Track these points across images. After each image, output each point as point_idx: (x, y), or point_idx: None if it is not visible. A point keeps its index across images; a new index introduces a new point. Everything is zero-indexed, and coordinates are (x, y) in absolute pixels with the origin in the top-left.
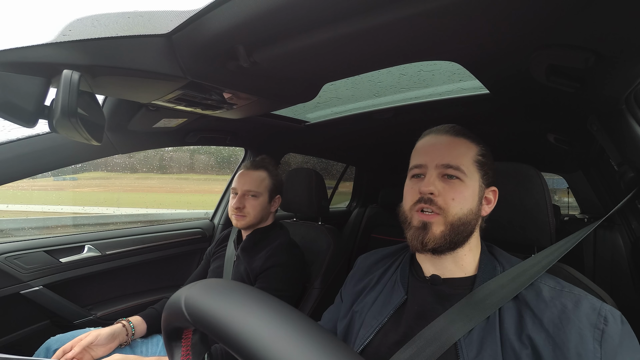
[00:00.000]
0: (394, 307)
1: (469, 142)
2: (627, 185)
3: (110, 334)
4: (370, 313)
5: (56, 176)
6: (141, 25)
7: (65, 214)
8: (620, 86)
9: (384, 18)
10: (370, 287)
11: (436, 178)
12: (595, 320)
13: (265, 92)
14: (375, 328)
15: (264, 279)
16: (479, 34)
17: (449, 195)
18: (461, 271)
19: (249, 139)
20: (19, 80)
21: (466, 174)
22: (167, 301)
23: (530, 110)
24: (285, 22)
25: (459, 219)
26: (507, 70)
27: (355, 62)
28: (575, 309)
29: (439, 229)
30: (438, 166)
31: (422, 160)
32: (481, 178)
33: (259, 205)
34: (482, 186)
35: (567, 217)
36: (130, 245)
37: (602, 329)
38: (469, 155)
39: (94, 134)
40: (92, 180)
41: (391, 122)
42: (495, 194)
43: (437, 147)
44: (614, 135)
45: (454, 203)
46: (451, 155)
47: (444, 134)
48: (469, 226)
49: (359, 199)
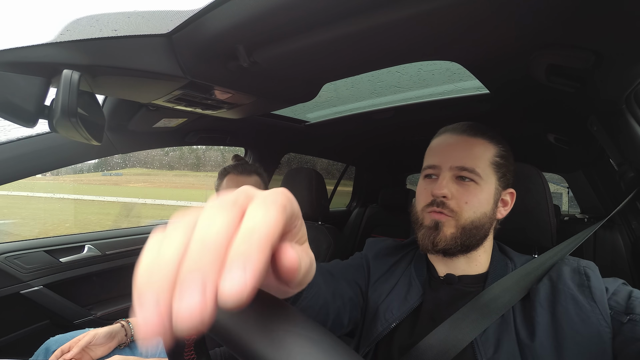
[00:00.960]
0: (410, 308)
1: (487, 142)
2: (627, 185)
3: (109, 332)
4: (384, 305)
5: (104, 172)
6: (141, 25)
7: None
8: (621, 86)
9: (383, 18)
10: (382, 275)
11: (450, 180)
12: (579, 280)
13: (265, 92)
14: (392, 323)
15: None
16: (479, 34)
17: (462, 198)
18: (473, 269)
19: (249, 139)
20: (19, 80)
21: (482, 177)
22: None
23: (530, 110)
24: (285, 22)
25: (472, 223)
26: (507, 70)
27: (355, 62)
28: (560, 278)
29: (449, 231)
30: (452, 168)
31: (436, 160)
32: (498, 180)
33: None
34: (498, 189)
35: (567, 217)
36: (130, 245)
37: (588, 285)
38: (486, 157)
39: (94, 134)
40: (137, 176)
41: (391, 122)
42: (512, 196)
43: (453, 147)
44: (614, 135)
45: (467, 207)
46: (467, 157)
47: (461, 134)
48: (482, 230)
49: (358, 199)
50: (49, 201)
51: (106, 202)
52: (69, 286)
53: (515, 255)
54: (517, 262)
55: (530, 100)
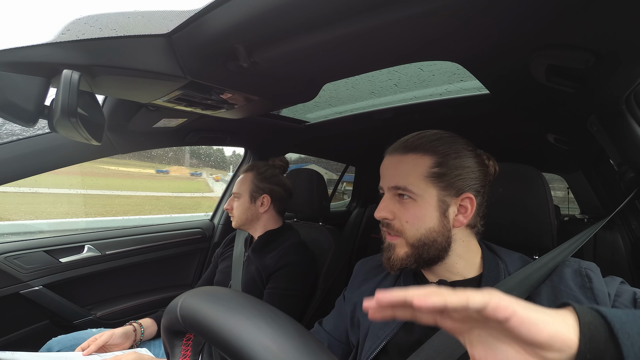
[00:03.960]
0: (402, 320)
1: (419, 155)
2: (627, 185)
3: (124, 333)
4: (375, 323)
5: (158, 170)
6: (141, 25)
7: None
8: (620, 86)
9: (383, 18)
10: (369, 295)
11: (390, 201)
12: (581, 282)
13: (265, 92)
14: (383, 340)
15: (276, 279)
16: (479, 34)
17: (403, 217)
18: (462, 276)
19: (249, 139)
20: (19, 80)
21: (416, 192)
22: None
23: (530, 111)
24: (285, 22)
25: (419, 240)
26: (507, 70)
27: (355, 62)
28: (561, 279)
29: (402, 250)
30: (390, 188)
31: (380, 182)
32: (441, 191)
33: (240, 206)
34: (443, 200)
35: (566, 217)
36: (130, 245)
37: (590, 287)
38: (418, 172)
39: (94, 133)
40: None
41: (391, 122)
42: (471, 201)
43: (388, 168)
44: (614, 135)
45: (408, 225)
46: (397, 176)
47: (393, 153)
48: (436, 243)
49: (359, 199)
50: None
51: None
52: (68, 286)
53: (504, 253)
54: (507, 260)
55: (530, 101)
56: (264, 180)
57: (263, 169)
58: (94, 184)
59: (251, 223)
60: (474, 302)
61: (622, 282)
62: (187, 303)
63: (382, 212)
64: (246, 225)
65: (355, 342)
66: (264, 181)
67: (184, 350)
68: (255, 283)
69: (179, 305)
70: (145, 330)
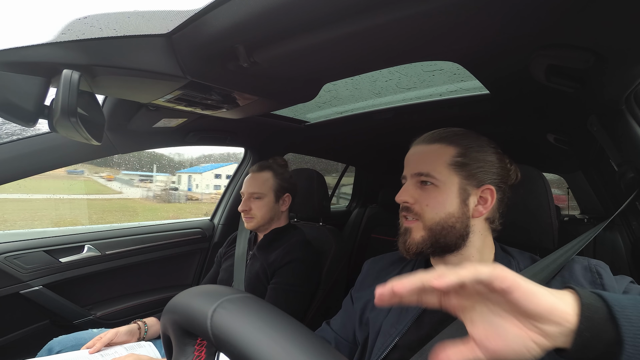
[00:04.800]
0: (413, 317)
1: (444, 146)
2: (627, 185)
3: (129, 331)
4: (387, 321)
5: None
6: (141, 25)
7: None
8: (620, 86)
9: (384, 18)
10: None
11: (413, 186)
12: (591, 278)
13: (265, 92)
14: (395, 337)
15: (281, 274)
16: (478, 34)
17: (424, 201)
18: None
19: (249, 139)
20: (19, 80)
21: (439, 179)
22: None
23: (530, 111)
24: (285, 22)
25: (437, 224)
26: (507, 70)
27: (355, 62)
28: (572, 275)
29: (418, 234)
30: (413, 175)
31: (404, 171)
32: (463, 180)
33: (264, 205)
34: (464, 188)
35: (567, 218)
36: (130, 245)
37: (600, 283)
38: (442, 160)
39: (94, 133)
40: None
41: (391, 122)
42: (492, 193)
43: (413, 157)
44: (614, 135)
45: (428, 209)
46: (422, 163)
47: (420, 144)
48: (454, 229)
49: (359, 199)
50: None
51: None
52: (68, 286)
53: (517, 252)
54: (519, 259)
55: (530, 101)
56: (285, 180)
57: (280, 168)
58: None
59: (270, 222)
60: (482, 273)
61: (631, 281)
62: (221, 321)
63: (403, 196)
64: (266, 224)
65: (361, 340)
66: (285, 180)
67: (198, 351)
68: (259, 280)
69: (210, 317)
70: (149, 329)
